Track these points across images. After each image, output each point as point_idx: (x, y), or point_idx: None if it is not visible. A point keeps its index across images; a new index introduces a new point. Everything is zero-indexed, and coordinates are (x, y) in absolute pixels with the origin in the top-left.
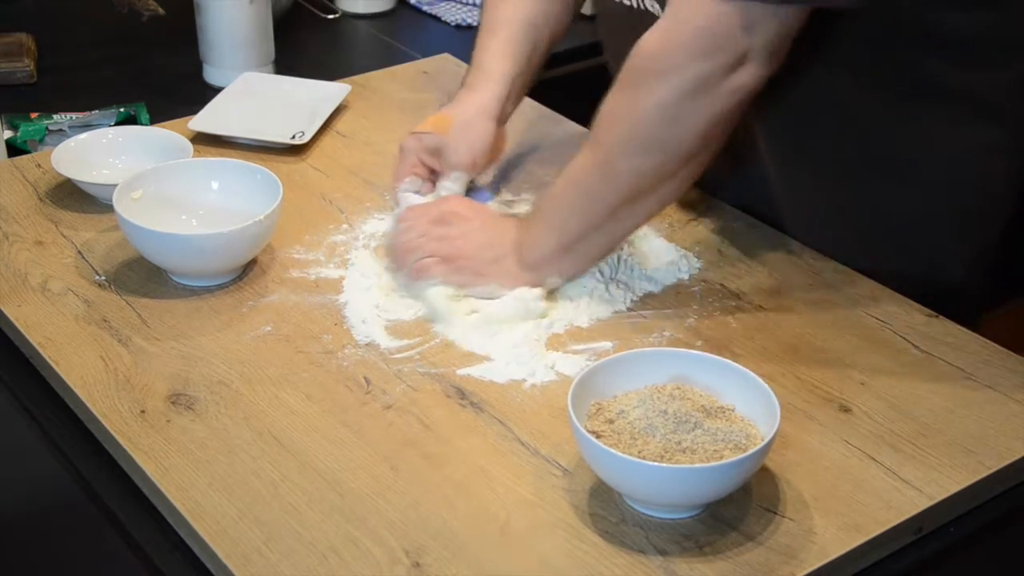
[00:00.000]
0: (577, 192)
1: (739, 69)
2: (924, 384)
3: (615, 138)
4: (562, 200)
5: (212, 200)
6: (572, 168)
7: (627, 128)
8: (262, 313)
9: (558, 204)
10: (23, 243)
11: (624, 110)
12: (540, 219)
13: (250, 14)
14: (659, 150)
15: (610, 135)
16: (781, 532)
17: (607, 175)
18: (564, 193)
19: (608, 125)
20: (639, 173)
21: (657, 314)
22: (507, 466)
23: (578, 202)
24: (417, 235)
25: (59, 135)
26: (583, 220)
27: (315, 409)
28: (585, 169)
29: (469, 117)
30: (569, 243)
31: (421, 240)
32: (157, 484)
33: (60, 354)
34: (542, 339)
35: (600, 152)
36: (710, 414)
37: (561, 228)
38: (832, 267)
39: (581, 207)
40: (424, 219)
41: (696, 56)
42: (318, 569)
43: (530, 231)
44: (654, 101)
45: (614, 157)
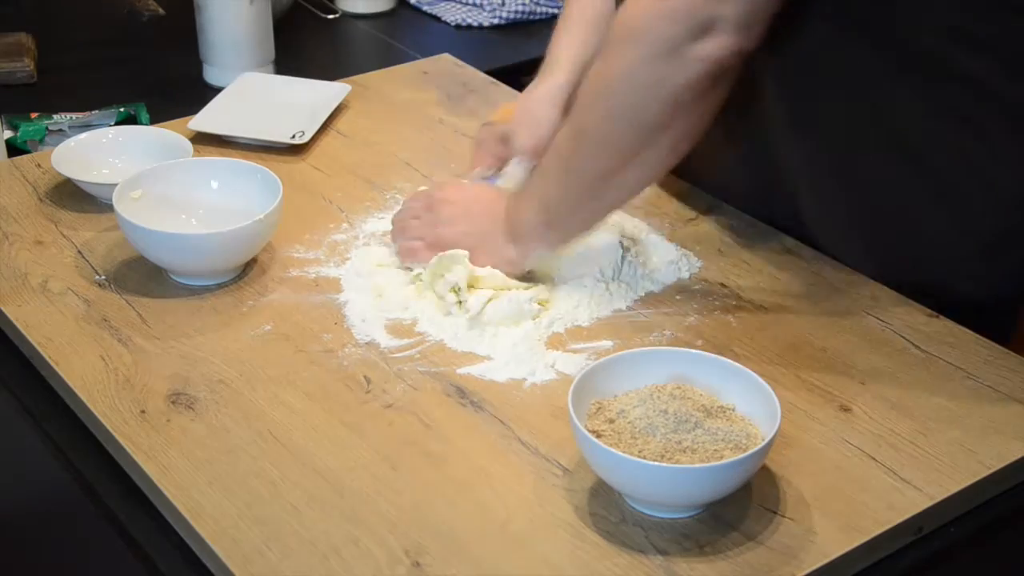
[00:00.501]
0: (558, 163)
1: (706, 37)
2: (924, 384)
3: (588, 106)
4: (546, 172)
5: (212, 200)
6: (557, 140)
7: (599, 95)
8: (262, 312)
9: (542, 176)
10: (23, 243)
11: (597, 78)
12: (527, 192)
13: (250, 14)
14: (628, 116)
15: (584, 103)
16: (781, 532)
17: (582, 144)
18: (547, 165)
19: (583, 94)
20: (611, 142)
21: (657, 313)
22: (507, 466)
23: (559, 174)
24: (411, 216)
25: (59, 135)
26: (564, 192)
27: (315, 408)
28: (564, 139)
29: (533, 103)
30: (553, 216)
31: (413, 223)
32: (157, 484)
33: (60, 354)
34: (542, 338)
35: (576, 121)
36: (710, 414)
37: (545, 200)
38: (832, 267)
39: (562, 179)
40: (419, 203)
41: (663, 21)
42: (318, 569)
43: (517, 205)
44: (623, 66)
45: (587, 125)
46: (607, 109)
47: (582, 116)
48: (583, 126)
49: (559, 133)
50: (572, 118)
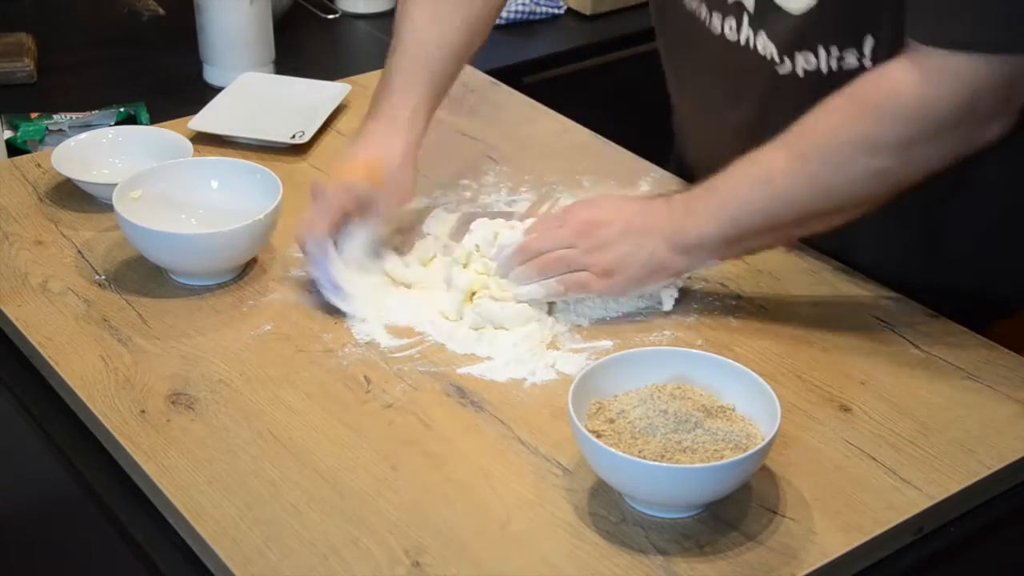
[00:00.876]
0: (765, 191)
1: (996, 120)
2: (924, 384)
3: (827, 162)
4: (745, 194)
5: (212, 200)
6: (763, 167)
7: (846, 157)
8: (262, 312)
9: (738, 196)
10: (23, 243)
11: (847, 137)
12: (708, 206)
13: (250, 14)
14: (874, 182)
15: (823, 157)
16: (781, 532)
17: (812, 190)
18: (749, 188)
19: (823, 146)
20: (850, 196)
21: (657, 313)
22: (507, 465)
23: (764, 201)
24: (562, 245)
25: (59, 135)
26: (766, 220)
27: (315, 408)
28: (782, 173)
29: (398, 165)
30: (738, 236)
31: (571, 253)
32: (157, 484)
33: (60, 354)
34: (543, 339)
35: (810, 167)
36: (711, 414)
37: (735, 220)
38: (832, 267)
39: (767, 207)
40: (567, 231)
41: (959, 108)
42: (318, 569)
43: (692, 217)
44: (888, 139)
45: (828, 180)
46: (858, 172)
47: (816, 166)
48: (816, 176)
49: (765, 162)
50: (798, 161)
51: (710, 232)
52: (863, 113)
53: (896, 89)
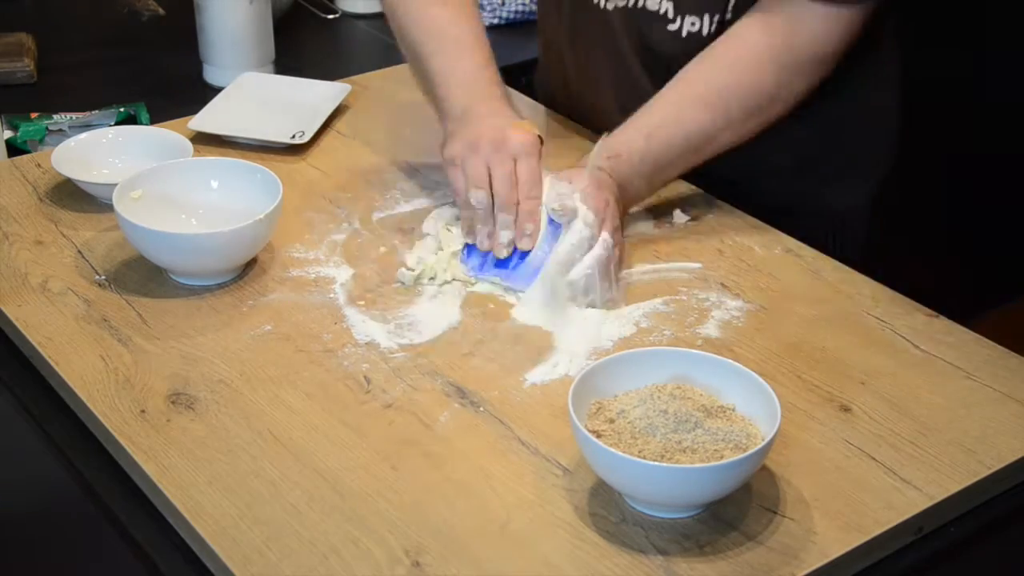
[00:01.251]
0: (690, 149)
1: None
2: (924, 384)
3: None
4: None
5: (212, 200)
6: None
7: (761, 102)
8: (262, 312)
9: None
10: (23, 243)
11: (759, 87)
12: (643, 175)
13: (250, 14)
14: (776, 117)
15: (737, 105)
16: (781, 532)
17: (725, 134)
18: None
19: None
20: (753, 132)
21: (657, 313)
22: (507, 466)
23: (689, 157)
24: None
25: (59, 135)
26: (684, 169)
27: (315, 408)
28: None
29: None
30: (658, 185)
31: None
32: (157, 484)
33: (60, 354)
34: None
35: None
36: (710, 414)
37: (663, 179)
38: (832, 267)
39: (690, 160)
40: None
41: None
42: (318, 569)
43: (632, 185)
44: (793, 89)
45: (741, 119)
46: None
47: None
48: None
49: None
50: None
51: (644, 195)
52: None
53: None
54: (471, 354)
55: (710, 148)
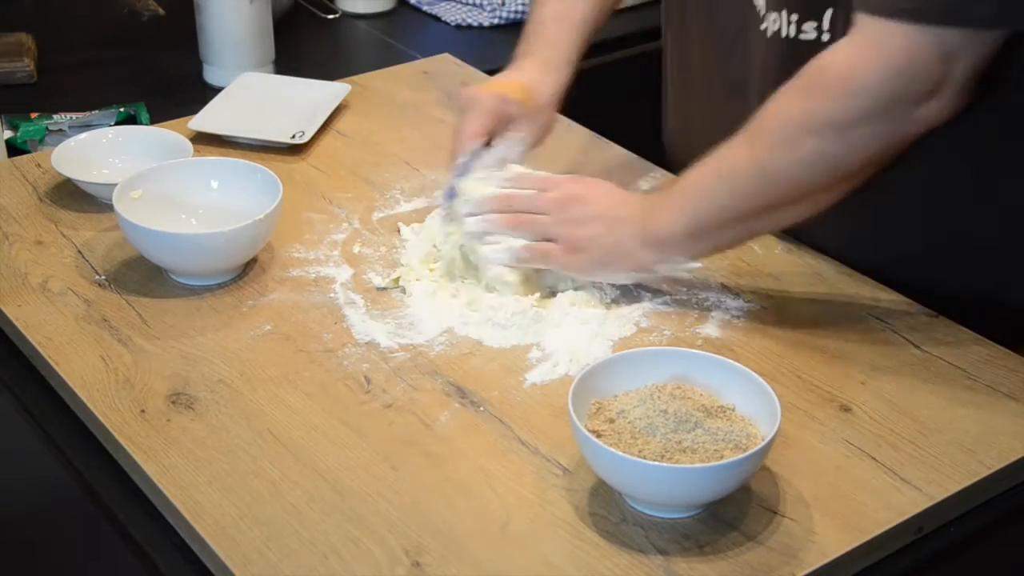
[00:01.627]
0: (724, 184)
1: (931, 100)
2: (924, 384)
3: (780, 147)
4: (706, 187)
5: (212, 200)
6: (722, 159)
7: (795, 138)
8: (262, 312)
9: (700, 189)
10: (23, 243)
11: (798, 119)
12: (675, 200)
13: (250, 14)
14: (826, 165)
15: (775, 142)
16: (781, 532)
17: (763, 178)
18: (710, 181)
19: (776, 132)
20: (796, 184)
21: (657, 313)
22: (507, 465)
23: (723, 194)
24: (539, 210)
25: (59, 135)
26: (724, 213)
27: (315, 408)
28: (738, 165)
29: (547, 99)
30: (703, 230)
31: (545, 220)
32: (157, 484)
33: (60, 354)
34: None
35: (761, 153)
36: (710, 414)
37: (697, 214)
38: (832, 267)
39: (726, 200)
40: (547, 198)
41: (890, 81)
42: (318, 569)
43: (661, 210)
44: (834, 118)
45: (775, 164)
46: (802, 153)
47: (768, 153)
48: (769, 163)
49: (727, 155)
50: (752, 146)
51: (674, 227)
52: (806, 92)
53: (835, 64)
54: (471, 354)
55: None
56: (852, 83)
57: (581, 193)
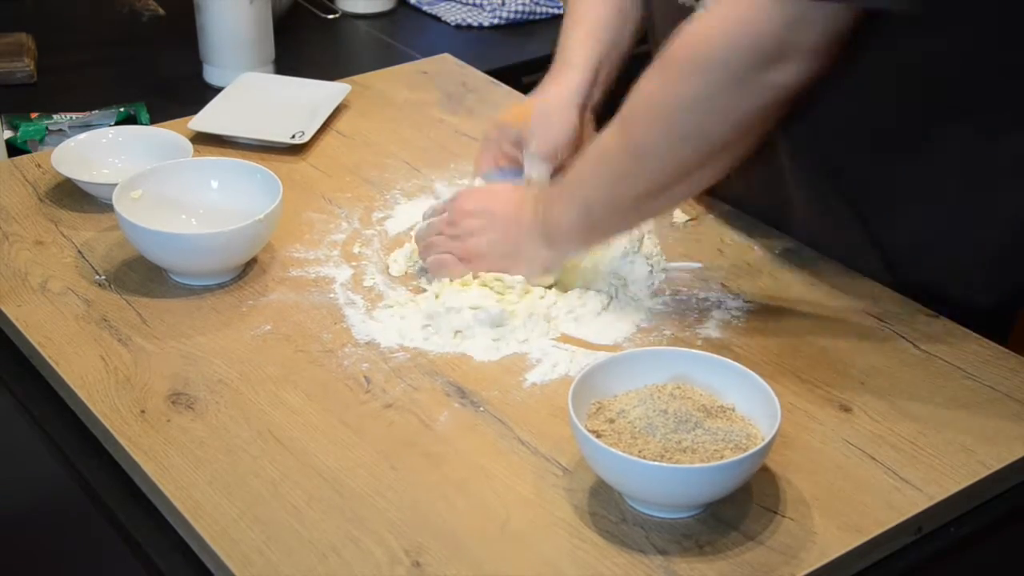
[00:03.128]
0: (605, 172)
1: (780, 65)
2: (924, 384)
3: (648, 128)
4: (589, 178)
5: (212, 200)
6: (600, 146)
7: (662, 119)
8: (262, 312)
9: (584, 181)
10: (23, 243)
11: (660, 99)
12: (565, 195)
13: (250, 14)
14: (693, 141)
15: (643, 123)
16: (781, 532)
17: (637, 162)
18: (591, 171)
19: (643, 113)
20: (670, 163)
21: (657, 313)
22: (507, 465)
23: (605, 182)
24: (435, 232)
25: (59, 135)
26: (610, 200)
27: (315, 408)
28: (613, 151)
29: (551, 106)
30: (594, 221)
31: (438, 239)
32: (157, 484)
33: (60, 354)
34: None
35: (632, 138)
36: (710, 414)
37: (587, 206)
38: (832, 266)
39: (608, 188)
40: (441, 220)
41: (737, 50)
42: (318, 569)
43: (553, 207)
44: (692, 93)
45: (646, 147)
46: (670, 131)
47: (638, 133)
48: (640, 143)
49: (603, 141)
50: (625, 131)
51: (566, 220)
52: (664, 71)
53: (688, 40)
54: (471, 354)
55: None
56: (702, 58)
57: (467, 207)
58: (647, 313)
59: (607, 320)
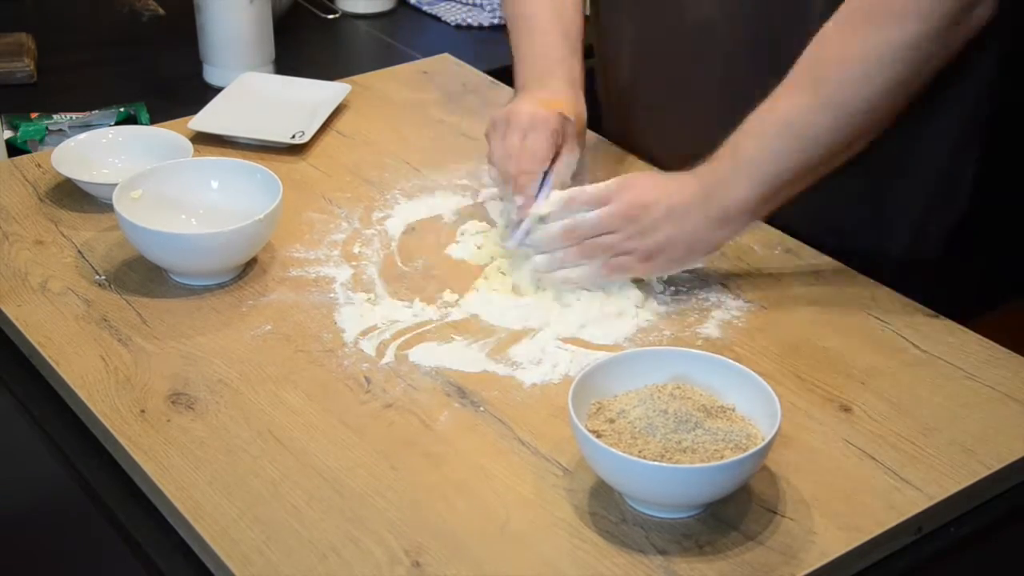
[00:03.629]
0: (793, 138)
1: (978, 6)
2: (924, 384)
3: (851, 78)
4: (772, 149)
5: (212, 200)
6: (779, 113)
7: (870, 68)
8: (262, 312)
9: (764, 150)
10: (23, 243)
11: (862, 50)
12: (738, 170)
13: (250, 14)
14: (899, 89)
15: (843, 75)
16: (781, 532)
17: (837, 118)
18: (774, 140)
19: (840, 65)
20: (873, 112)
21: (657, 313)
22: (507, 465)
23: (795, 150)
24: (607, 229)
25: (59, 135)
26: (797, 166)
27: (315, 408)
28: (801, 114)
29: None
30: (774, 192)
31: (616, 239)
32: (157, 484)
33: (60, 354)
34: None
35: (825, 92)
36: (710, 414)
37: (768, 178)
38: (832, 266)
39: (797, 155)
40: (611, 214)
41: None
42: (318, 569)
43: (725, 185)
44: (902, 41)
45: (849, 98)
46: (879, 83)
47: (836, 89)
48: (841, 99)
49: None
50: (817, 92)
51: (747, 196)
52: (867, 26)
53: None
54: (471, 354)
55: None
56: (908, 7)
57: (643, 198)
58: (647, 313)
59: (607, 320)
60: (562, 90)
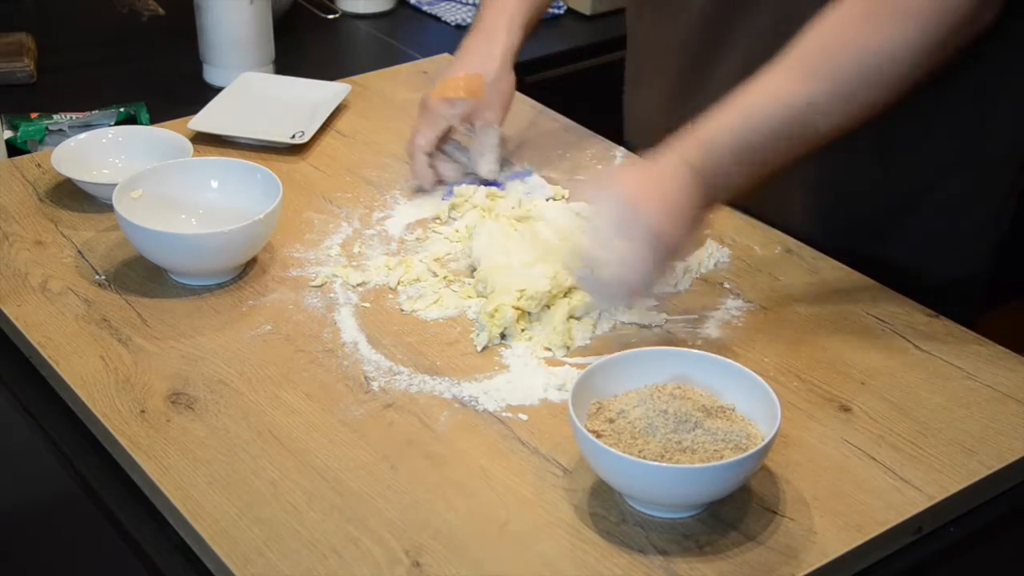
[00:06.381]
0: (785, 122)
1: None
2: (924, 384)
3: (851, 72)
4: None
5: (212, 199)
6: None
7: (871, 62)
8: (262, 312)
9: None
10: (23, 243)
11: (865, 44)
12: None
13: (250, 14)
14: (895, 86)
15: (843, 68)
16: (781, 532)
17: (834, 105)
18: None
19: (842, 58)
20: (871, 106)
21: (657, 313)
22: (507, 465)
23: (786, 132)
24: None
25: (59, 135)
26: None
27: (315, 408)
28: (788, 101)
29: (496, 71)
30: (762, 174)
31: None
32: (157, 484)
33: (60, 354)
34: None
35: (824, 84)
36: (710, 414)
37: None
38: (832, 266)
39: (785, 140)
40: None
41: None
42: (318, 569)
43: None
44: (908, 40)
45: (851, 89)
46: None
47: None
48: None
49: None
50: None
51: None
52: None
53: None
54: (471, 354)
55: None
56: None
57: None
58: (648, 313)
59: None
60: (473, 52)
